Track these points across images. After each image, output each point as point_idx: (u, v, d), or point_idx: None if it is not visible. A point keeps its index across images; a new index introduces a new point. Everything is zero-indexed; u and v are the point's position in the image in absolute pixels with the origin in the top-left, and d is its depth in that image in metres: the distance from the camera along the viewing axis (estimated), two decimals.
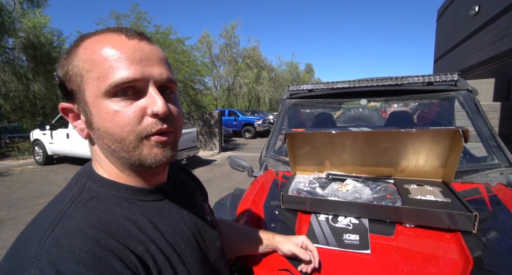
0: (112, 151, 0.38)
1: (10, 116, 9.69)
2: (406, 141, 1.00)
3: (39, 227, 0.33)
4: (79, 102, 0.38)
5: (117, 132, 0.36)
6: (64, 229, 0.32)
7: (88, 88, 0.36)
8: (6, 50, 7.47)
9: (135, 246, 0.35)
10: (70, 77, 0.37)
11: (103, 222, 0.35)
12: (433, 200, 0.86)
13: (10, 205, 3.99)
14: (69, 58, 0.37)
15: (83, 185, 0.39)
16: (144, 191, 0.42)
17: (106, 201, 0.38)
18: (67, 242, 0.30)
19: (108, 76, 0.35)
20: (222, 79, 19.06)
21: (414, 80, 1.42)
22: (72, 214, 0.34)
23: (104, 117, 0.36)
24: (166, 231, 0.41)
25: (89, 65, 0.35)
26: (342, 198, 0.93)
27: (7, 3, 7.53)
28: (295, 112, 1.86)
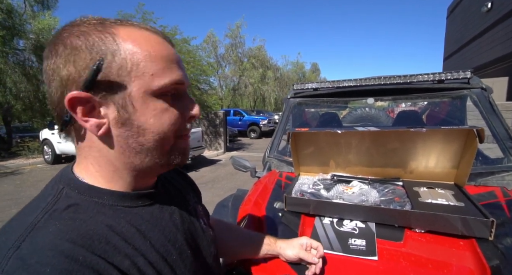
0: (144, 148, 0.36)
1: (21, 116, 9.92)
2: (416, 141, 0.95)
3: (1, 244, 0.28)
4: (111, 95, 0.33)
5: (161, 130, 0.36)
6: (33, 245, 0.28)
7: (136, 83, 0.33)
8: (16, 51, 7.63)
9: (119, 261, 0.32)
10: (110, 64, 0.32)
11: (82, 234, 0.30)
12: (445, 204, 0.81)
13: (19, 203, 4.07)
14: (98, 39, 0.32)
15: (59, 192, 0.34)
16: (131, 196, 0.38)
17: (87, 209, 0.33)
18: (36, 261, 0.26)
19: (163, 75, 0.35)
20: (227, 79, 19.09)
21: (424, 78, 1.36)
22: (44, 227, 0.30)
23: (151, 114, 0.35)
24: (156, 240, 0.37)
25: (144, 58, 0.33)
26: (347, 200, 0.89)
27: (18, 5, 7.70)
28: (299, 112, 1.82)
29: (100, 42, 0.32)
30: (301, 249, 0.66)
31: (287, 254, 0.66)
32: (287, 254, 0.66)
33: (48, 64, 0.33)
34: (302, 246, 0.66)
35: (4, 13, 6.81)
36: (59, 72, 0.33)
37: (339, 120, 2.02)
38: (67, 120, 0.34)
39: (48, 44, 0.34)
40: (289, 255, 0.66)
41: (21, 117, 10.07)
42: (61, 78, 0.33)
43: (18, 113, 9.26)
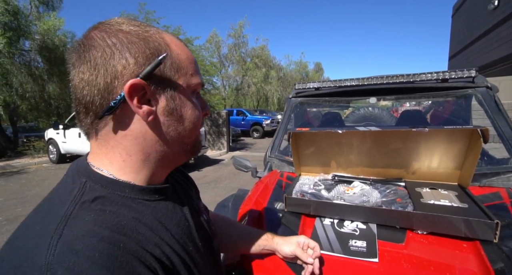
0: (179, 137, 0.41)
1: (27, 116, 10.06)
2: (419, 141, 0.94)
3: (40, 233, 0.29)
4: (162, 86, 0.37)
5: (195, 121, 0.42)
6: (74, 233, 0.29)
7: (182, 79, 0.39)
8: (22, 52, 7.73)
9: (151, 249, 0.34)
10: (165, 61, 0.37)
11: (115, 224, 0.32)
12: (448, 205, 0.80)
13: (25, 202, 4.12)
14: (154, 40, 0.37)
15: (83, 185, 0.35)
16: (149, 190, 0.40)
17: (113, 201, 0.35)
18: (83, 246, 0.28)
19: (196, 76, 0.42)
20: (230, 79, 19.10)
21: (427, 77, 1.34)
22: (79, 217, 0.31)
23: (189, 107, 0.41)
24: (175, 232, 0.40)
25: (185, 60, 0.40)
26: (348, 201, 0.88)
27: (24, 7, 7.80)
28: (301, 112, 1.81)
29: (156, 41, 0.38)
30: (298, 247, 0.66)
31: (284, 250, 0.66)
32: (283, 250, 0.66)
33: (93, 53, 0.35)
34: (299, 244, 0.66)
35: (10, 14, 6.91)
36: (111, 62, 0.35)
37: (341, 120, 2.00)
38: (113, 106, 0.35)
39: (92, 36, 0.36)
40: (285, 251, 0.66)
41: (27, 117, 10.22)
42: (114, 67, 0.35)
43: (24, 113, 9.40)
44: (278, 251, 0.67)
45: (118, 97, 0.35)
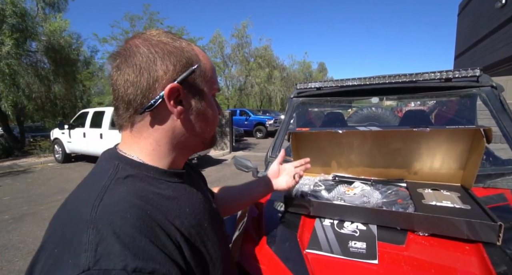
0: (202, 132, 0.48)
1: (33, 116, 10.19)
2: (420, 141, 0.92)
3: (86, 198, 0.36)
4: (193, 90, 0.45)
5: (214, 119, 0.50)
6: (112, 198, 0.36)
7: (207, 85, 0.47)
8: (29, 53, 7.85)
9: (172, 219, 0.39)
10: (195, 70, 0.44)
11: (144, 195, 0.39)
12: (450, 206, 0.78)
13: (30, 200, 4.18)
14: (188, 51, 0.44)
15: (116, 166, 0.42)
16: (170, 173, 0.46)
17: (141, 179, 0.42)
18: (118, 209, 0.34)
19: (216, 82, 0.50)
20: (233, 79, 19.13)
21: (430, 76, 1.32)
22: (115, 188, 0.38)
23: (211, 108, 0.49)
24: (192, 209, 0.46)
25: (209, 69, 0.48)
26: (348, 202, 0.87)
27: (31, 9, 7.92)
28: (303, 112, 1.80)
29: (191, 52, 0.45)
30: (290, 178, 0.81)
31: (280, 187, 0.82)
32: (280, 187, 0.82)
33: (138, 58, 0.41)
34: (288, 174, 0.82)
35: (18, 16, 7.02)
36: (155, 68, 0.41)
37: (343, 120, 1.99)
38: (153, 104, 0.42)
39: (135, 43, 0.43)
40: (281, 187, 0.82)
41: (33, 117, 10.36)
42: (156, 72, 0.41)
43: (30, 113, 9.52)
44: (279, 189, 0.82)
45: (157, 97, 0.42)
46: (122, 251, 0.30)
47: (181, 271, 0.35)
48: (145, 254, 0.31)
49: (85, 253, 0.29)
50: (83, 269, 0.28)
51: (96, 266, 0.29)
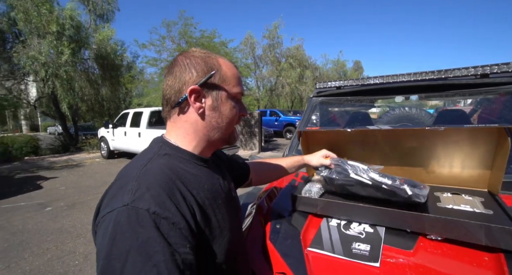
0: (219, 127, 0.58)
1: (85, 116, 11.45)
2: (437, 141, 0.86)
3: (137, 164, 0.51)
4: (211, 91, 0.56)
5: (231, 117, 0.59)
6: (152, 166, 0.50)
7: (226, 88, 0.57)
8: (82, 60, 8.85)
9: (191, 189, 0.51)
10: (215, 75, 0.56)
11: (173, 168, 0.51)
12: (469, 210, 0.72)
13: (80, 191, 4.73)
14: (210, 62, 0.57)
15: (159, 146, 0.57)
16: (197, 157, 0.58)
17: (175, 158, 0.55)
18: (153, 172, 0.48)
19: (237, 87, 0.59)
20: (264, 80, 19.20)
21: (463, 73, 1.21)
22: (155, 161, 0.52)
23: (228, 107, 0.58)
24: (210, 187, 0.56)
25: (230, 76, 0.58)
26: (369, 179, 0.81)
27: (85, 21, 8.92)
28: (323, 112, 1.76)
29: (211, 62, 0.57)
30: (323, 158, 0.94)
31: (313, 162, 0.95)
32: (313, 163, 0.96)
33: (176, 69, 0.56)
34: (323, 156, 0.95)
35: (74, 29, 7.96)
36: (184, 75, 0.56)
37: (370, 120, 1.90)
38: (180, 102, 0.55)
39: (176, 59, 0.58)
40: (314, 163, 0.95)
41: (85, 117, 11.63)
42: (184, 78, 0.55)
43: (83, 114, 10.72)
44: (310, 164, 0.97)
45: (184, 96, 0.55)
46: (149, 198, 0.43)
47: (187, 225, 0.45)
48: (164, 205, 0.43)
49: (128, 195, 0.43)
50: (124, 203, 0.42)
51: (132, 204, 0.42)
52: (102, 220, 0.43)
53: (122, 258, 0.38)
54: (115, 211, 0.42)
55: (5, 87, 9.15)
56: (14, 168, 6.91)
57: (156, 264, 0.38)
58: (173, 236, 0.42)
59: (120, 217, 0.41)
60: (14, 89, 9.14)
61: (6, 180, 5.75)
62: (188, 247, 0.43)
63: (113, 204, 0.43)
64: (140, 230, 0.40)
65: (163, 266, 0.38)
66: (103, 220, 0.43)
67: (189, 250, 0.43)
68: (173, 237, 0.42)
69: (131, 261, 0.38)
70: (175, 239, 0.42)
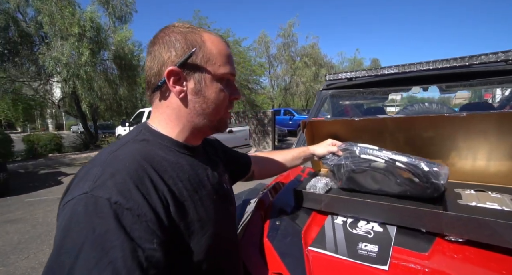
0: (204, 113, 0.52)
1: (104, 115, 11.90)
2: (457, 131, 0.75)
3: (109, 149, 0.47)
4: (193, 73, 0.50)
5: (217, 102, 0.52)
6: (123, 151, 0.46)
7: (210, 68, 0.50)
8: (102, 61, 9.17)
9: (167, 178, 0.46)
10: (197, 54, 0.49)
11: (148, 154, 0.47)
12: (497, 208, 0.63)
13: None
14: (192, 38, 0.50)
15: (139, 131, 0.52)
16: (181, 144, 0.53)
17: (153, 144, 0.50)
18: (123, 158, 0.44)
19: (224, 67, 0.52)
20: (279, 79, 19.04)
21: (489, 59, 1.09)
22: (130, 145, 0.48)
23: (214, 91, 0.51)
24: (193, 177, 0.51)
25: (216, 53, 0.51)
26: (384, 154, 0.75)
27: (105, 23, 9.24)
28: (333, 106, 1.67)
29: (193, 39, 0.50)
30: (328, 146, 0.88)
31: (319, 151, 0.89)
32: (319, 152, 0.90)
33: (155, 48, 0.50)
34: (329, 145, 0.89)
35: (94, 30, 8.27)
36: (162, 54, 0.49)
37: (385, 114, 1.78)
38: (159, 85, 0.50)
39: (156, 36, 0.51)
40: (321, 151, 0.89)
41: (104, 116, 12.09)
42: (163, 58, 0.49)
43: (102, 113, 11.14)
44: (316, 154, 0.91)
45: (163, 79, 0.49)
46: (112, 186, 0.39)
47: (156, 217, 0.40)
48: (128, 194, 0.39)
49: (89, 182, 0.39)
50: (83, 191, 0.38)
51: (91, 192, 0.38)
52: (62, 209, 0.39)
53: (73, 253, 0.34)
54: (75, 199, 0.38)
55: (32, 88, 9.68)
56: (38, 164, 7.30)
57: (113, 261, 0.33)
58: (136, 230, 0.37)
59: (77, 206, 0.37)
60: (40, 89, 9.64)
61: (31, 175, 6.07)
62: (156, 242, 0.38)
63: (74, 192, 0.39)
64: (98, 221, 0.35)
65: (120, 263, 0.34)
66: (62, 209, 0.39)
67: (156, 246, 0.38)
68: (137, 230, 0.37)
69: (83, 257, 0.33)
70: (139, 233, 0.37)
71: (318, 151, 0.90)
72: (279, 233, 0.75)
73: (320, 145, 0.92)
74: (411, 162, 0.71)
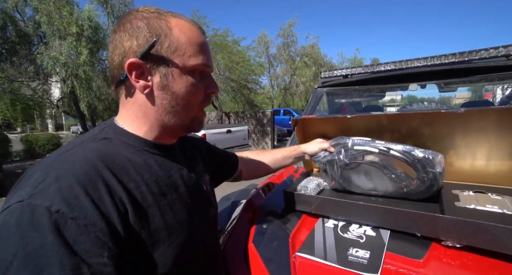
0: (173, 110, 0.46)
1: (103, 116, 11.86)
2: (455, 128, 0.71)
3: (61, 150, 0.42)
4: (158, 65, 0.44)
5: (188, 98, 0.46)
6: (75, 151, 0.40)
7: (178, 60, 0.44)
8: (100, 61, 9.13)
9: (127, 181, 0.41)
10: (162, 43, 0.43)
11: (106, 154, 0.41)
12: (497, 211, 0.58)
13: None
14: (156, 24, 0.43)
15: (102, 129, 0.47)
16: (150, 143, 0.48)
17: (116, 143, 0.45)
18: (72, 160, 0.39)
19: (196, 57, 0.45)
20: (278, 79, 19.00)
21: (490, 53, 1.04)
22: (87, 145, 0.42)
23: (183, 85, 0.45)
24: (162, 179, 0.46)
25: (185, 42, 0.44)
26: None
27: (104, 23, 9.21)
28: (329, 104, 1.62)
29: (157, 26, 0.43)
30: (319, 144, 0.84)
31: (310, 149, 0.85)
32: (310, 149, 0.85)
33: (116, 37, 0.45)
34: (320, 142, 0.85)
35: (92, 29, 8.24)
36: (123, 43, 0.43)
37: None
38: (122, 80, 0.45)
39: (118, 22, 0.45)
40: (312, 149, 0.84)
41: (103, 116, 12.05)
42: (124, 48, 0.43)
43: (101, 113, 11.09)
44: (307, 152, 0.86)
45: (125, 73, 0.44)
46: (55, 193, 0.34)
47: (109, 227, 0.35)
48: (74, 202, 0.34)
49: (28, 188, 0.34)
50: (19, 199, 0.33)
51: (28, 199, 0.33)
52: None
53: None
54: (10, 208, 0.33)
55: (31, 88, 9.65)
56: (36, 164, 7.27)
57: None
58: (82, 242, 0.33)
59: (9, 216, 0.32)
60: (38, 89, 9.62)
61: None
62: (106, 256, 0.34)
63: (11, 199, 0.34)
64: (32, 234, 0.31)
65: None
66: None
67: (107, 260, 0.34)
68: (83, 243, 0.33)
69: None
70: (86, 246, 0.33)
71: (308, 149, 0.86)
72: (265, 237, 0.71)
73: (311, 143, 0.88)
74: (406, 149, 0.68)
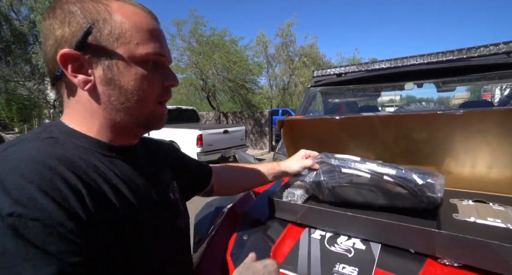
0: (124, 107, 0.40)
1: None
2: (453, 132, 0.65)
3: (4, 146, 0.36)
4: (99, 56, 0.38)
5: (141, 92, 0.40)
6: (17, 150, 0.34)
7: (122, 49, 0.38)
8: None
9: (87, 180, 0.36)
10: (101, 30, 0.37)
11: (55, 153, 0.35)
12: (500, 226, 0.52)
13: None
14: (92, 8, 0.37)
15: (45, 128, 0.41)
16: (105, 145, 0.42)
17: (64, 144, 0.39)
18: (14, 158, 0.33)
19: (146, 45, 0.39)
20: (277, 79, 18.94)
21: (490, 51, 0.98)
22: (28, 143, 0.36)
23: (132, 78, 0.39)
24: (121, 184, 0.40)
25: (131, 27, 0.38)
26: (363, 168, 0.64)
27: None
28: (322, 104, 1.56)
29: (93, 10, 0.37)
30: (303, 159, 0.74)
31: (292, 168, 0.74)
32: (292, 168, 0.74)
33: (46, 24, 0.38)
34: (303, 157, 0.75)
35: None
36: (54, 32, 0.37)
37: None
38: (58, 75, 0.39)
39: (48, 8, 0.39)
40: (294, 168, 0.74)
41: None
42: (56, 38, 0.37)
43: None
44: (288, 171, 0.75)
45: (59, 68, 0.38)
46: (1, 196, 0.29)
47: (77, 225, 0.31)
48: (30, 202, 0.30)
49: None
50: None
51: None
52: None
53: None
54: None
55: (27, 88, 9.57)
56: None
57: None
58: (53, 243, 0.29)
59: None
60: (34, 89, 9.55)
61: None
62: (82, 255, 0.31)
63: None
64: None
65: None
66: None
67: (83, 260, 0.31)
68: (54, 243, 0.29)
69: None
70: (58, 246, 0.30)
71: (291, 168, 0.75)
72: (244, 250, 0.64)
73: (292, 158, 0.77)
74: (401, 175, 0.60)
